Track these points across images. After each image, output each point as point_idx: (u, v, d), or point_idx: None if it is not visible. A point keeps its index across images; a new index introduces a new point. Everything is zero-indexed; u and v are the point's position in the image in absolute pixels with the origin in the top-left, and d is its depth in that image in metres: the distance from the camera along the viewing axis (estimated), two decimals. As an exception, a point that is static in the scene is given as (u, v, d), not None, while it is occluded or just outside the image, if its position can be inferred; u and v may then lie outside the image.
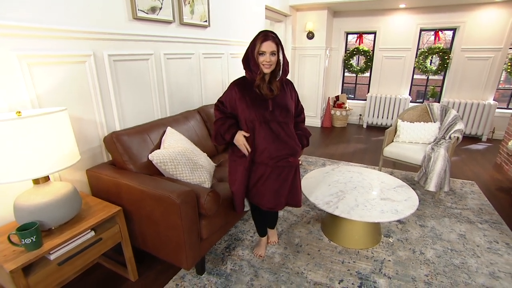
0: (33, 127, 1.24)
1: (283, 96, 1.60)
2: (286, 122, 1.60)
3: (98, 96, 1.83)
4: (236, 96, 1.59)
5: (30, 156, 1.24)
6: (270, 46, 1.47)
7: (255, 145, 1.59)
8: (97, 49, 1.79)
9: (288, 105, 1.60)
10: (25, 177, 1.26)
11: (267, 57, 1.48)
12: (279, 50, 1.51)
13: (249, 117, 1.56)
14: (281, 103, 1.58)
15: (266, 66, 1.50)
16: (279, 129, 1.58)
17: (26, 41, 1.46)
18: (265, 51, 1.47)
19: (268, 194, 1.66)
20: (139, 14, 1.98)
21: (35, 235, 1.26)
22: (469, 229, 2.33)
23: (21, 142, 1.21)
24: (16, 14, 1.40)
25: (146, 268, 1.87)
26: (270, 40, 1.47)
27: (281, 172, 1.64)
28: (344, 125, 5.70)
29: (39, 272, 1.29)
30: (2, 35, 1.36)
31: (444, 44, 5.23)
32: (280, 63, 1.54)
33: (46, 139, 1.28)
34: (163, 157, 1.79)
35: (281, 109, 1.57)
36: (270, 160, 1.60)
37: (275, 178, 1.64)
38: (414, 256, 2.01)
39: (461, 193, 2.93)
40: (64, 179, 1.70)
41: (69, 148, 1.41)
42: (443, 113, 3.04)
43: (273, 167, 1.62)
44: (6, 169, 1.21)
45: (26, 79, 1.47)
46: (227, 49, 3.07)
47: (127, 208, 1.70)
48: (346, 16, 5.41)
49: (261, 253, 2.00)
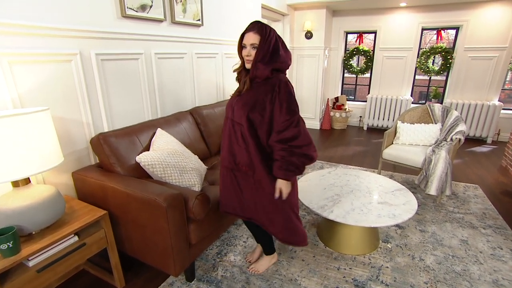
0: (11, 127, 1.19)
1: (252, 94, 1.38)
2: (236, 122, 1.41)
3: (85, 97, 1.78)
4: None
5: (8, 158, 1.20)
6: (251, 38, 1.32)
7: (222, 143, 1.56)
8: (83, 48, 1.73)
9: (248, 104, 1.36)
10: (2, 179, 1.21)
11: (247, 50, 1.34)
12: (264, 43, 1.30)
13: (225, 111, 1.53)
14: (242, 101, 1.39)
15: (247, 61, 1.37)
16: (231, 128, 1.44)
17: (7, 38, 1.41)
18: (245, 44, 1.34)
19: (229, 198, 1.59)
20: (128, 12, 1.93)
21: (12, 241, 1.20)
22: (471, 234, 2.24)
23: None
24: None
25: (134, 275, 1.81)
26: (252, 31, 1.31)
27: (233, 176, 1.52)
28: (343, 127, 5.61)
29: (16, 279, 1.23)
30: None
31: (447, 43, 5.14)
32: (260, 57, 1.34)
33: (26, 140, 1.23)
34: (151, 159, 1.73)
35: (239, 107, 1.39)
36: (226, 161, 1.51)
37: (230, 181, 1.54)
38: (414, 262, 1.92)
39: (464, 197, 2.84)
40: (48, 182, 1.65)
41: (51, 149, 1.35)
42: (445, 114, 2.95)
43: (229, 169, 1.52)
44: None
45: (7, 78, 1.42)
46: (221, 48, 3.01)
47: (114, 212, 1.64)
48: (345, 15, 5.34)
49: (251, 259, 1.93)
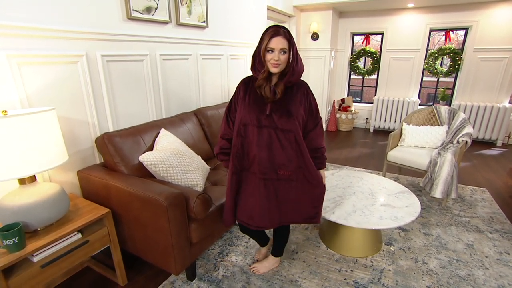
0: (18, 126, 1.23)
1: (288, 100, 1.40)
2: (284, 129, 1.39)
3: (91, 97, 1.82)
4: (240, 94, 1.48)
5: (15, 156, 1.23)
6: (280, 42, 1.29)
7: (245, 152, 1.45)
8: (89, 50, 1.77)
9: (291, 111, 1.39)
10: (9, 177, 1.24)
11: (276, 54, 1.30)
12: (291, 48, 1.33)
13: (244, 118, 1.42)
14: (282, 108, 1.38)
15: (274, 65, 1.33)
16: (274, 136, 1.39)
17: (16, 40, 1.45)
18: (274, 48, 1.30)
19: (258, 210, 1.48)
20: (134, 14, 1.97)
21: (17, 236, 1.24)
22: (477, 238, 2.20)
23: (5, 141, 1.20)
24: (6, 13, 1.40)
25: (136, 273, 1.84)
26: (280, 35, 1.30)
27: (273, 186, 1.46)
28: (349, 129, 5.57)
29: (21, 274, 1.26)
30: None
31: (456, 44, 5.06)
32: (289, 62, 1.36)
33: (32, 139, 1.27)
34: (154, 159, 1.76)
35: (281, 114, 1.37)
36: (259, 171, 1.43)
37: (265, 193, 1.46)
38: (416, 266, 1.90)
39: (470, 200, 2.79)
40: (54, 180, 1.69)
41: (56, 148, 1.39)
42: (451, 116, 2.91)
43: (263, 179, 1.44)
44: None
45: (15, 78, 1.46)
46: (227, 50, 3.04)
47: (117, 211, 1.67)
48: (352, 16, 5.32)
49: (258, 257, 1.95)
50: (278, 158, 1.42)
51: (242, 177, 1.50)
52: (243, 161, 1.47)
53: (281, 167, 1.43)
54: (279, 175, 1.45)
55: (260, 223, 1.51)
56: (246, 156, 1.46)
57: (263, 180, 1.44)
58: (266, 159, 1.42)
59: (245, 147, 1.45)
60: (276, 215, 1.52)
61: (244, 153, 1.46)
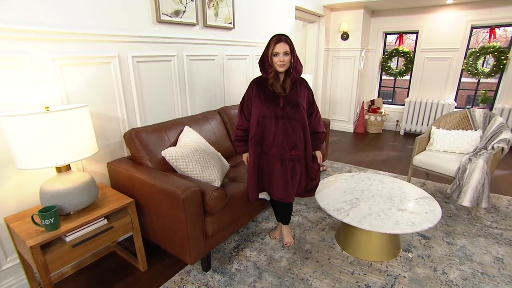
0: (57, 121, 1.38)
1: (295, 94, 1.74)
2: (295, 118, 1.73)
3: (121, 95, 1.97)
4: (253, 93, 1.79)
5: (54, 147, 1.39)
6: (283, 47, 1.63)
7: (265, 138, 1.76)
8: (121, 51, 1.93)
9: (299, 102, 1.73)
10: (48, 165, 1.41)
11: (281, 57, 1.64)
12: (292, 50, 1.66)
13: (262, 112, 1.73)
14: (292, 100, 1.72)
15: (280, 65, 1.66)
16: (288, 124, 1.73)
17: (59, 44, 1.63)
18: (278, 52, 1.64)
19: (277, 185, 1.80)
20: (163, 18, 2.10)
21: (53, 217, 1.40)
22: (509, 252, 2.05)
23: (47, 134, 1.36)
24: (50, 20, 1.57)
25: (156, 260, 1.97)
26: (283, 41, 1.64)
27: (288, 164, 1.77)
28: (379, 131, 5.38)
29: (56, 251, 1.42)
30: (40, 39, 1.55)
31: (504, 42, 4.66)
32: (291, 62, 1.68)
33: (67, 132, 1.42)
34: (175, 154, 1.87)
35: (292, 106, 1.72)
36: (277, 153, 1.75)
37: (282, 170, 1.77)
38: (435, 275, 1.82)
39: (506, 211, 2.59)
40: (87, 170, 1.87)
41: (88, 141, 1.54)
42: (487, 120, 2.71)
43: (280, 159, 1.76)
44: (34, 156, 1.36)
45: (57, 78, 1.65)
46: (252, 50, 3.10)
47: (139, 201, 1.81)
48: (385, 15, 5.12)
49: (275, 236, 2.18)
50: (292, 141, 1.75)
51: (263, 159, 1.81)
52: (263, 146, 1.79)
53: (294, 147, 1.76)
54: (292, 155, 1.77)
55: (278, 195, 1.83)
56: (266, 142, 1.77)
57: (279, 160, 1.76)
58: (283, 142, 1.74)
59: (265, 135, 1.76)
60: (292, 190, 1.81)
61: (264, 139, 1.77)
